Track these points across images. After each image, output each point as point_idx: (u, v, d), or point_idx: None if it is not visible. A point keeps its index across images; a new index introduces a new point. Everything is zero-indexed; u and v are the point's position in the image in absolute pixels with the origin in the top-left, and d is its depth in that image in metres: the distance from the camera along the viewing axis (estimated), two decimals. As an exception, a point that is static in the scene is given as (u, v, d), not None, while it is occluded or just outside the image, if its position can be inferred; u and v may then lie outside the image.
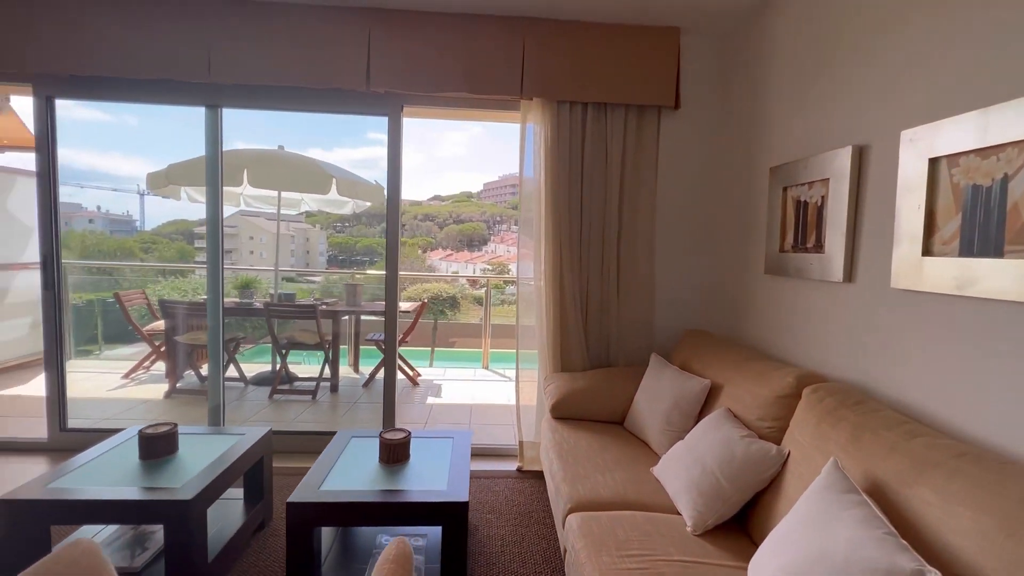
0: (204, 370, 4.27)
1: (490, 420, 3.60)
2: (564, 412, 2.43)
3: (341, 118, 2.65)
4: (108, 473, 1.73)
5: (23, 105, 4.62)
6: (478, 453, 2.96)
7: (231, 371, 4.17)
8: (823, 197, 1.84)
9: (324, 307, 4.16)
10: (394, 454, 1.87)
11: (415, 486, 1.73)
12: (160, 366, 4.36)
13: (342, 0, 2.45)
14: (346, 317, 4.59)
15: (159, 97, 2.66)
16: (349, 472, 1.81)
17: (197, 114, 2.71)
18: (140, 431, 1.84)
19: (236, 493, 2.14)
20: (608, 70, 2.58)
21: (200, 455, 1.90)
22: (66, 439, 2.80)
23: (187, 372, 4.24)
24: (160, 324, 4.29)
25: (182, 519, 1.57)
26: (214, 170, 2.76)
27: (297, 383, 4.25)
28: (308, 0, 2.45)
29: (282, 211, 4.48)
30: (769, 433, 1.69)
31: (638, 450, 2.12)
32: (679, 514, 1.64)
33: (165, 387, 4.02)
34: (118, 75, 2.48)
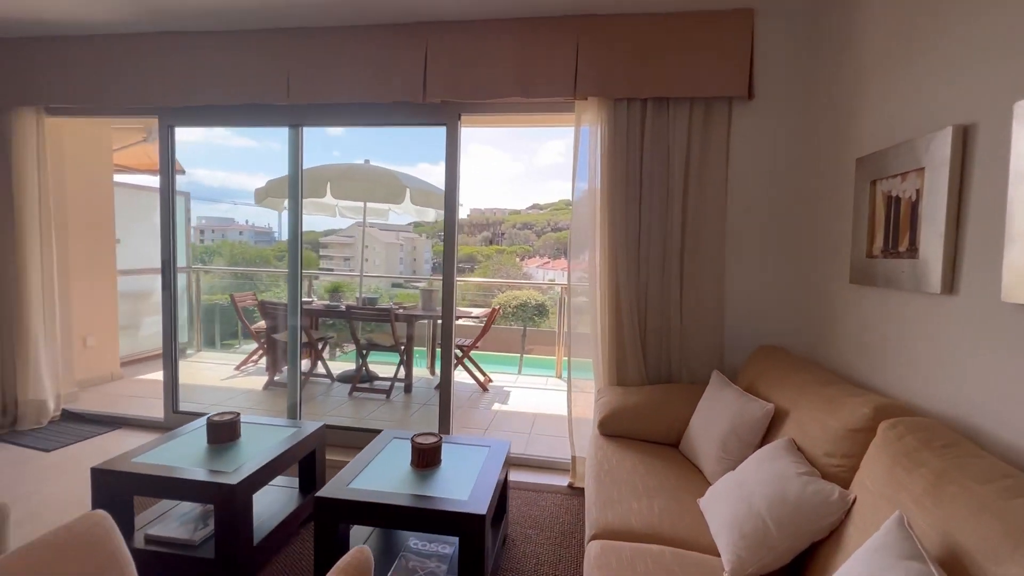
0: (302, 365, 4.71)
1: (551, 431, 3.50)
2: (613, 429, 2.27)
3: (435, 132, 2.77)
4: (181, 454, 1.95)
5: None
6: (531, 465, 2.89)
7: (320, 368, 4.54)
8: (918, 191, 1.52)
9: (401, 311, 4.37)
10: (424, 458, 1.88)
11: (439, 492, 1.71)
12: (265, 360, 4.89)
13: (399, 17, 2.56)
14: (424, 321, 4.78)
15: (252, 120, 3.00)
16: (381, 472, 1.85)
17: (318, 136, 3.00)
18: (208, 418, 2.05)
19: (292, 483, 2.30)
20: (670, 63, 2.40)
21: (258, 443, 2.06)
22: (177, 420, 3.23)
23: (284, 367, 4.70)
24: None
25: (229, 501, 1.71)
26: (295, 184, 3.03)
27: (376, 382, 4.50)
28: (369, 21, 2.61)
29: (392, 222, 4.77)
30: (837, 472, 1.42)
31: (688, 477, 1.91)
32: (719, 555, 1.44)
33: (265, 379, 4.49)
34: (218, 103, 2.83)
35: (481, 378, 4.62)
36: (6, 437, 3.04)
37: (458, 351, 4.47)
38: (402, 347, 4.29)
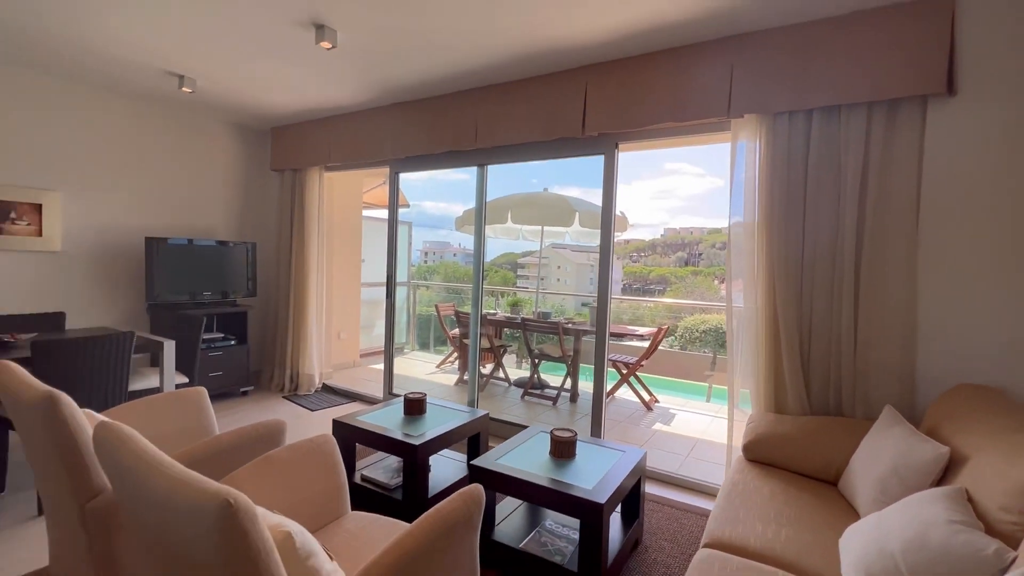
0: (485, 368, 5.44)
1: (709, 457, 3.37)
2: (759, 455, 2.18)
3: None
4: (388, 419, 2.60)
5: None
6: (681, 484, 2.88)
7: (501, 372, 5.17)
8: None
9: (570, 326, 4.72)
10: (560, 449, 2.14)
11: (567, 479, 1.95)
12: (458, 361, 5.77)
13: (561, 66, 2.94)
14: (592, 337, 5.03)
15: (451, 163, 3.73)
16: (524, 455, 2.18)
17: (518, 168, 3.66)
18: (405, 396, 2.67)
19: (462, 457, 2.80)
20: (841, 67, 2.23)
21: (438, 420, 2.60)
22: (390, 400, 4.12)
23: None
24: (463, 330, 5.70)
25: (413, 457, 2.24)
26: (480, 213, 3.65)
27: (546, 390, 4.91)
28: (535, 73, 3.05)
29: (587, 243, 5.20)
30: (1010, 531, 1.21)
31: (838, 516, 1.75)
32: (844, 594, 1.35)
33: (457, 377, 5.32)
34: (427, 153, 3.62)
35: (646, 397, 4.63)
36: (290, 398, 4.32)
37: (623, 368, 4.60)
38: (569, 359, 4.62)
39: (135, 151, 3.93)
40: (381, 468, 2.63)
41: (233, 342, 4.25)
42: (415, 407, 2.65)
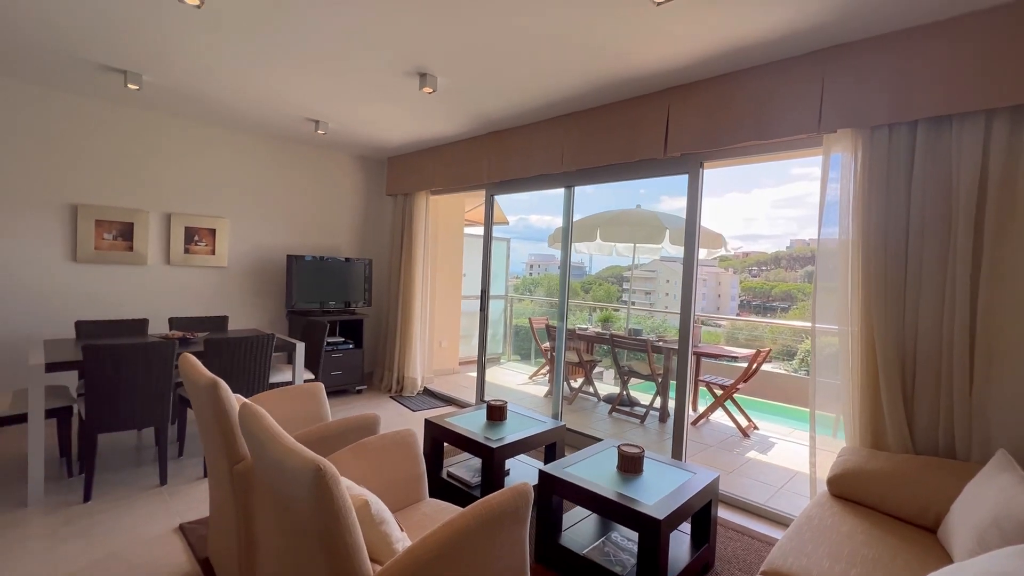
0: (575, 382, 5.54)
1: (807, 491, 3.13)
2: (846, 490, 2.04)
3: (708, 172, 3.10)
4: (471, 422, 2.86)
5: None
6: (767, 516, 2.74)
7: (592, 387, 5.24)
8: None
9: (662, 344, 4.65)
10: (626, 464, 2.21)
11: (630, 493, 2.02)
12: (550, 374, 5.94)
13: (644, 90, 3.02)
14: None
15: (541, 185, 3.95)
16: (593, 467, 2.28)
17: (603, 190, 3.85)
18: (488, 402, 2.91)
19: (539, 463, 2.96)
20: (949, 73, 2.05)
21: (517, 426, 2.80)
22: (481, 406, 4.42)
23: (565, 380, 5.60)
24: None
25: (490, 458, 2.46)
26: (566, 232, 3.81)
27: (636, 408, 4.87)
28: (618, 97, 3.16)
29: (706, 256, 5.14)
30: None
31: (927, 564, 1.61)
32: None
33: (547, 388, 5.48)
34: (518, 177, 3.89)
35: (743, 423, 4.39)
36: (396, 398, 4.82)
37: (718, 390, 4.42)
38: (659, 378, 4.55)
39: (280, 183, 4.74)
40: (465, 467, 2.88)
41: (351, 346, 4.87)
42: (496, 413, 2.87)
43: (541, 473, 2.20)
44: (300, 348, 3.48)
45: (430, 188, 4.82)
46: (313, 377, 3.78)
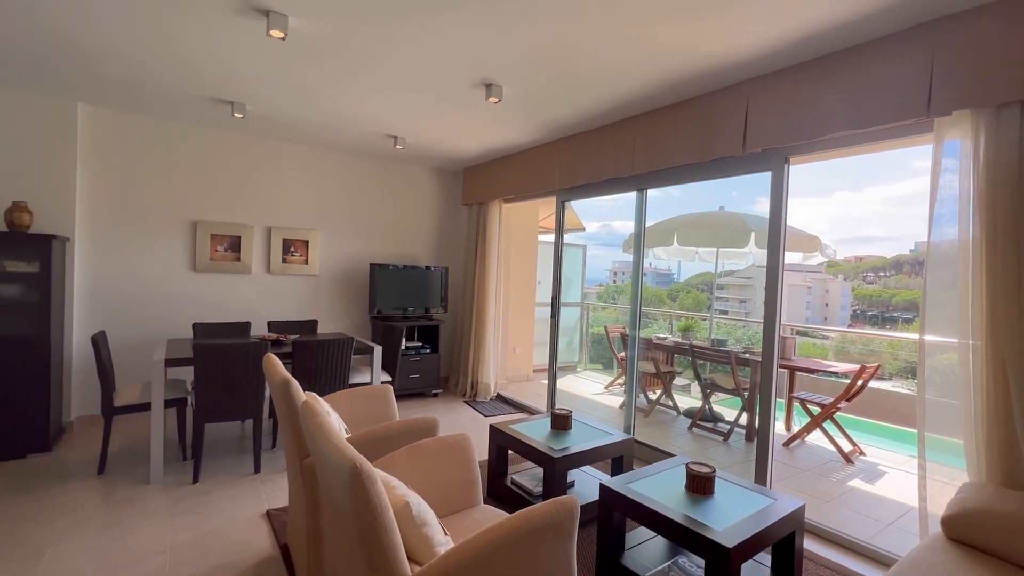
0: (653, 394, 5.30)
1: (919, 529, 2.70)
2: (964, 533, 1.73)
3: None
4: (536, 430, 2.83)
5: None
6: (871, 557, 2.41)
7: (670, 399, 4.97)
8: None
9: (747, 355, 4.30)
10: (695, 484, 2.05)
11: (697, 516, 1.87)
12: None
13: (717, 84, 2.83)
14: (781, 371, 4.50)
15: (613, 189, 3.85)
16: (659, 484, 2.15)
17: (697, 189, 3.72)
18: (552, 411, 2.86)
19: (605, 476, 2.85)
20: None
21: (582, 437, 2.72)
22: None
23: (642, 392, 5.38)
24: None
25: (551, 468, 2.41)
26: (639, 236, 3.67)
27: (719, 424, 4.54)
28: (690, 94, 2.99)
29: (802, 261, 4.80)
30: None
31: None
32: None
33: (622, 399, 5.29)
34: (589, 183, 3.82)
35: (846, 446, 3.91)
36: (469, 403, 4.92)
37: (814, 408, 3.99)
38: (745, 392, 4.21)
39: (365, 196, 5.08)
40: (530, 475, 2.85)
41: (428, 350, 5.06)
42: (561, 422, 2.82)
43: (602, 487, 2.11)
44: (378, 351, 3.68)
45: (503, 197, 4.89)
46: (390, 379, 3.97)
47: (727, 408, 4.93)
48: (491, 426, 2.88)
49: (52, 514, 2.53)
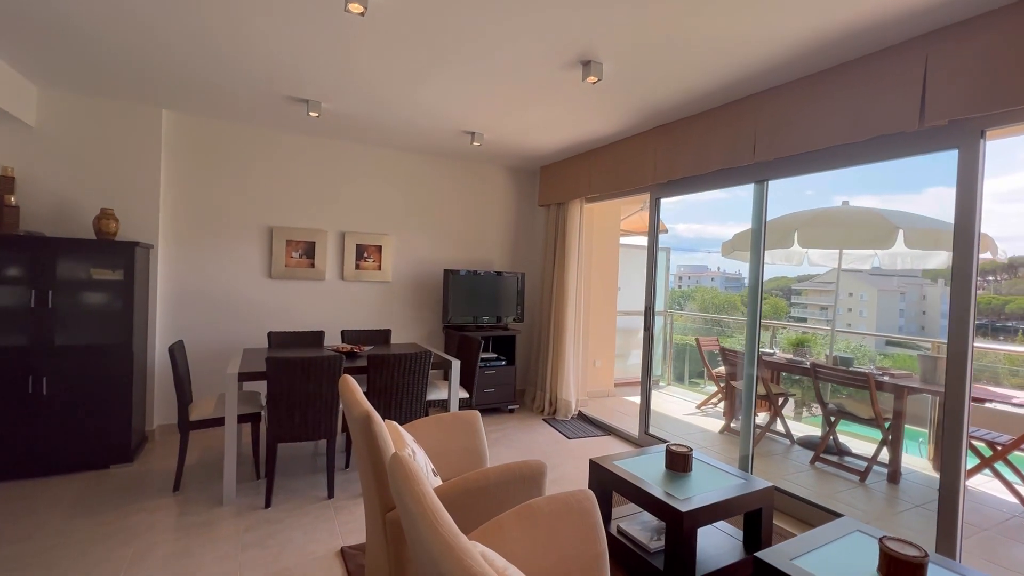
0: (757, 417, 4.64)
1: None
2: None
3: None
4: (647, 469, 2.36)
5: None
6: None
7: (780, 425, 4.30)
8: None
9: (887, 379, 3.58)
10: (899, 571, 1.50)
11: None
12: (723, 404, 5.09)
13: (884, 42, 2.24)
14: (925, 396, 3.74)
15: (721, 182, 3.30)
16: (836, 565, 1.62)
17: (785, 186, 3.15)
18: (668, 447, 2.38)
19: (736, 534, 2.31)
20: None
21: (707, 482, 2.22)
22: (646, 439, 3.85)
23: (740, 414, 4.72)
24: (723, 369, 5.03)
25: (678, 525, 1.93)
26: (759, 236, 3.10)
27: (847, 458, 3.82)
28: (838, 60, 2.40)
29: (894, 266, 4.13)
30: None
31: None
32: None
33: (721, 423, 4.66)
34: (693, 174, 3.30)
35: (1030, 496, 3.10)
36: (549, 421, 4.50)
37: (991, 448, 3.21)
38: (887, 423, 3.49)
39: (437, 199, 4.82)
40: (639, 523, 2.38)
41: (503, 362, 4.70)
42: (679, 462, 2.33)
43: (758, 563, 1.61)
44: (456, 366, 3.35)
45: (585, 195, 4.45)
46: (468, 395, 3.64)
47: (849, 437, 4.17)
48: (592, 462, 2.44)
49: (126, 536, 2.38)
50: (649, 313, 3.91)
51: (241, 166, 3.96)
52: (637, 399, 4.08)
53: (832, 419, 3.86)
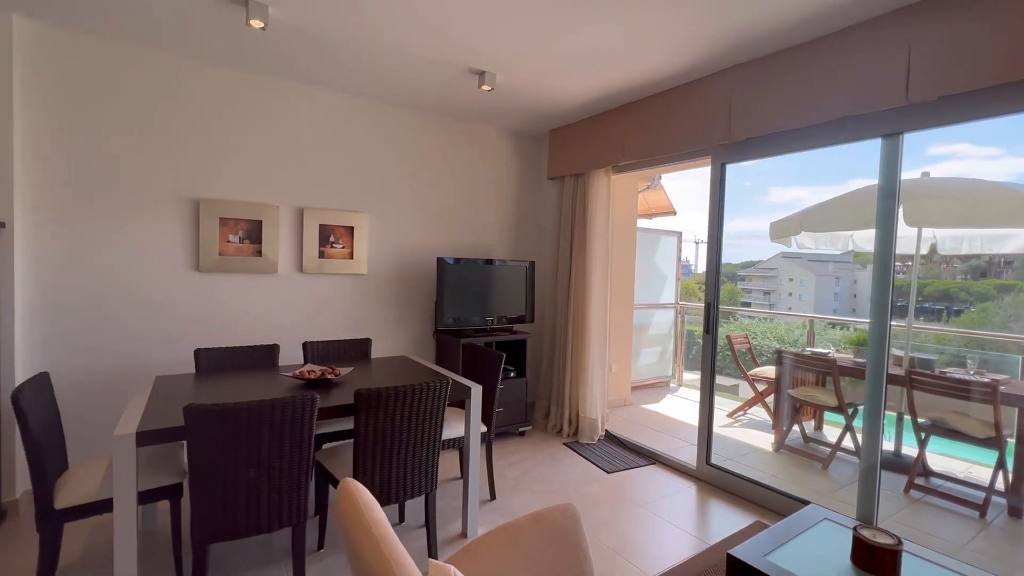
0: (809, 429, 3.93)
1: None
2: None
3: None
4: (821, 567, 1.48)
5: (667, 181, 5.89)
6: None
7: (847, 441, 3.59)
8: None
9: (1004, 388, 2.90)
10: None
11: None
12: (755, 411, 4.37)
13: None
14: None
15: (830, 137, 2.46)
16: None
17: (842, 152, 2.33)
18: (856, 533, 1.51)
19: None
20: None
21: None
22: (708, 472, 3.03)
23: (790, 427, 4.01)
24: (764, 370, 4.30)
25: None
26: (889, 203, 2.28)
27: (946, 484, 3.15)
28: None
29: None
30: None
31: None
32: None
33: (770, 437, 3.93)
34: (803, 124, 2.43)
35: None
36: (572, 446, 3.59)
37: None
38: (1005, 443, 2.81)
39: (421, 164, 3.75)
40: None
41: (512, 374, 3.75)
42: (881, 564, 1.46)
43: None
44: (476, 394, 2.36)
45: (615, 163, 3.52)
46: (486, 431, 2.66)
47: (935, 453, 3.53)
48: (729, 555, 1.54)
49: None
50: (711, 310, 3.05)
51: (148, 109, 2.76)
52: (655, 407, 3.30)
53: (923, 435, 3.17)
